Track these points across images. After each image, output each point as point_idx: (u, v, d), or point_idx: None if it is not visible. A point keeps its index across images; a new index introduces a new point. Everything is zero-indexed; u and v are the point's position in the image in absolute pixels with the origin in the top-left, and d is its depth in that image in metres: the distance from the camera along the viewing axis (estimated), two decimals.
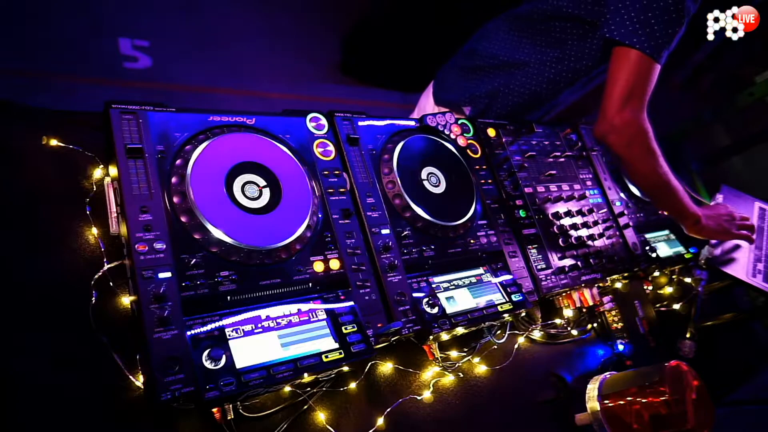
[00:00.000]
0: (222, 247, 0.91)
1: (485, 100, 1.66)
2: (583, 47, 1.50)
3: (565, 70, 1.56)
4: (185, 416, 0.87)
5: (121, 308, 0.91)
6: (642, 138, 1.35)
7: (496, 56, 1.63)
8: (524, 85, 1.61)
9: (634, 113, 1.32)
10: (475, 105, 1.68)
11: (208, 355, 0.80)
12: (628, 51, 1.31)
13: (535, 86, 1.60)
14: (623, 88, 1.31)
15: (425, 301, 1.08)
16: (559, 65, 1.55)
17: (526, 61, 1.58)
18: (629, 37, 1.30)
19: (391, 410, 1.06)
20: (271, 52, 3.70)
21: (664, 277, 1.76)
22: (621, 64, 1.32)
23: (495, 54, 1.63)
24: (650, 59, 1.30)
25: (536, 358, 1.36)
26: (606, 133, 1.36)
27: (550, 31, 1.52)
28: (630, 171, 1.44)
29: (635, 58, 1.30)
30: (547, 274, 1.35)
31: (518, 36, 1.59)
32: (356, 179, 1.16)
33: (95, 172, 0.99)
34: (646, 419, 1.11)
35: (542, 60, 1.56)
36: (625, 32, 1.31)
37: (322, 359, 0.89)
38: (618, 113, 1.32)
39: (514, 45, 1.60)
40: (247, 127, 1.07)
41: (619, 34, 1.31)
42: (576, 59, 1.53)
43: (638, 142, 1.36)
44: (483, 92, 1.66)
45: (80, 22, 3.03)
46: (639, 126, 1.34)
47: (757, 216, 2.00)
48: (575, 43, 1.50)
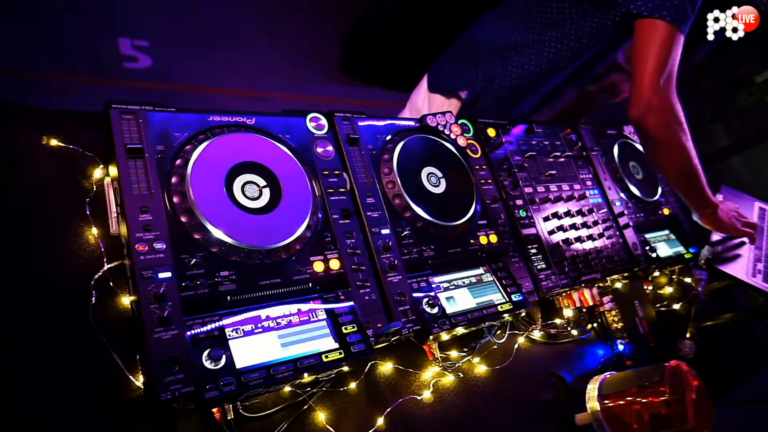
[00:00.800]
0: (222, 247, 0.91)
1: (482, 83, 1.62)
2: (582, 26, 1.47)
3: (564, 50, 1.52)
4: (185, 416, 0.87)
5: (121, 308, 0.91)
6: (678, 118, 1.32)
7: (492, 41, 1.60)
8: (522, 66, 1.57)
9: (670, 91, 1.29)
10: (471, 88, 1.64)
11: (208, 355, 0.80)
12: (655, 24, 1.27)
13: (535, 66, 1.56)
14: (656, 65, 1.27)
15: (425, 301, 1.08)
16: (558, 44, 1.52)
17: (524, 42, 1.55)
18: (657, 10, 1.26)
19: (391, 410, 1.06)
20: (271, 52, 3.70)
21: (664, 277, 1.76)
22: (650, 38, 1.28)
23: (492, 40, 1.60)
24: (678, 31, 1.27)
25: (536, 358, 1.36)
26: (644, 114, 1.30)
27: (547, 13, 1.50)
28: (664, 154, 1.40)
29: (664, 32, 1.26)
30: (547, 274, 1.35)
31: (514, 21, 1.57)
32: (356, 179, 1.16)
33: (95, 172, 0.99)
34: (646, 419, 1.11)
35: (540, 40, 1.53)
36: (652, 5, 1.27)
37: (322, 359, 0.89)
38: (656, 92, 1.27)
39: (510, 30, 1.57)
40: (247, 127, 1.07)
41: (646, 8, 1.28)
42: (576, 38, 1.49)
43: (676, 122, 1.32)
44: (480, 76, 1.62)
45: (80, 22, 3.03)
46: (675, 106, 1.30)
47: (757, 216, 2.00)
48: (574, 23, 1.47)
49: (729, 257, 1.76)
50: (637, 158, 1.87)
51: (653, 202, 1.81)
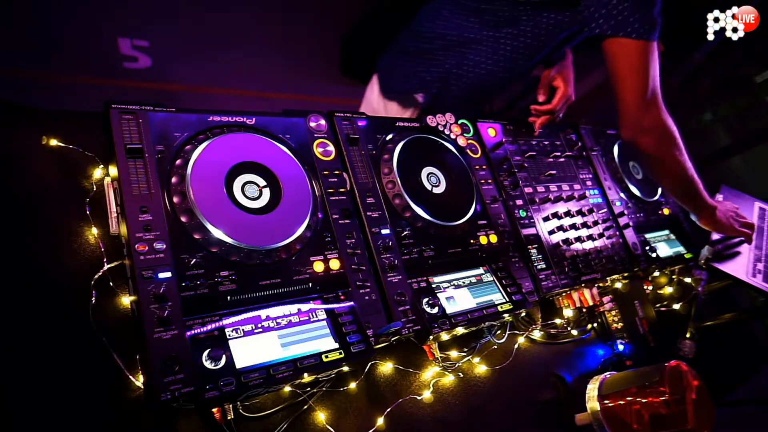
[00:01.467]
0: (222, 247, 0.91)
1: (437, 84, 1.53)
2: (539, 23, 1.37)
3: (521, 47, 1.42)
4: (185, 416, 0.87)
5: (121, 308, 0.91)
6: (671, 134, 1.30)
7: (443, 36, 1.48)
8: (478, 64, 1.47)
9: (659, 109, 1.26)
10: (426, 91, 1.55)
11: (208, 355, 0.80)
12: (622, 43, 1.19)
13: (491, 65, 1.47)
14: (637, 84, 1.22)
15: (425, 301, 1.08)
16: (514, 42, 1.42)
17: (478, 38, 1.44)
18: (621, 27, 1.18)
19: (391, 410, 1.06)
20: (271, 52, 3.70)
21: (664, 277, 1.76)
22: (621, 59, 1.22)
23: (442, 34, 1.48)
24: (648, 43, 1.19)
25: (536, 358, 1.36)
26: (636, 136, 1.28)
27: (497, 11, 1.39)
28: (660, 169, 1.39)
29: (634, 49, 1.19)
30: (547, 274, 1.35)
31: (464, 14, 1.44)
32: (356, 179, 1.16)
33: (95, 172, 0.98)
34: (646, 419, 1.11)
35: (495, 37, 1.43)
36: (615, 23, 1.18)
37: (322, 359, 0.89)
38: (643, 112, 1.24)
39: (461, 23, 1.45)
40: (247, 127, 1.07)
41: (609, 27, 1.19)
42: (532, 36, 1.40)
43: (669, 139, 1.30)
44: (434, 76, 1.53)
45: (80, 22, 3.03)
46: (666, 122, 1.28)
47: (757, 216, 2.00)
48: (530, 20, 1.37)
49: (729, 255, 1.76)
50: (637, 158, 1.87)
51: (653, 202, 1.81)
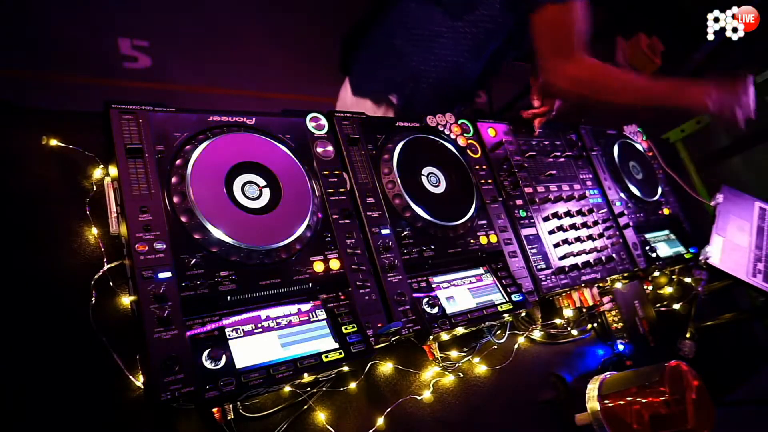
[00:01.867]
0: (222, 247, 0.91)
1: (409, 84, 1.55)
2: (493, 6, 1.43)
3: (481, 33, 1.47)
4: (185, 416, 0.87)
5: (121, 308, 0.91)
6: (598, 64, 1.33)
7: (408, 30, 1.52)
8: (444, 58, 1.51)
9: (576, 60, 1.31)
10: (399, 91, 1.57)
11: (208, 355, 0.80)
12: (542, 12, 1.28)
13: (456, 56, 1.51)
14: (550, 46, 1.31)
15: (425, 301, 1.08)
16: (474, 28, 1.46)
17: (439, 30, 1.48)
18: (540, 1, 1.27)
19: (391, 410, 1.07)
20: (271, 52, 3.70)
21: (664, 277, 1.76)
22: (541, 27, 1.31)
23: (407, 27, 1.52)
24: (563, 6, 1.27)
25: (536, 358, 1.36)
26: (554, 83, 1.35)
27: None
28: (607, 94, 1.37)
29: (551, 14, 1.28)
30: (547, 274, 1.36)
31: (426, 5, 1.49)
32: (356, 179, 1.16)
33: (95, 172, 0.98)
34: (646, 419, 1.11)
35: (454, 26, 1.47)
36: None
37: (322, 359, 0.89)
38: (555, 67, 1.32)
39: (426, 15, 1.50)
40: (247, 127, 1.07)
41: (534, 4, 1.29)
42: (490, 19, 1.45)
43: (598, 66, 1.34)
44: (404, 76, 1.55)
45: (80, 21, 3.03)
46: (588, 66, 1.32)
47: (757, 216, 2.00)
48: (485, 3, 1.43)
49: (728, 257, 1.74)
50: (637, 158, 1.87)
51: (653, 202, 1.81)
